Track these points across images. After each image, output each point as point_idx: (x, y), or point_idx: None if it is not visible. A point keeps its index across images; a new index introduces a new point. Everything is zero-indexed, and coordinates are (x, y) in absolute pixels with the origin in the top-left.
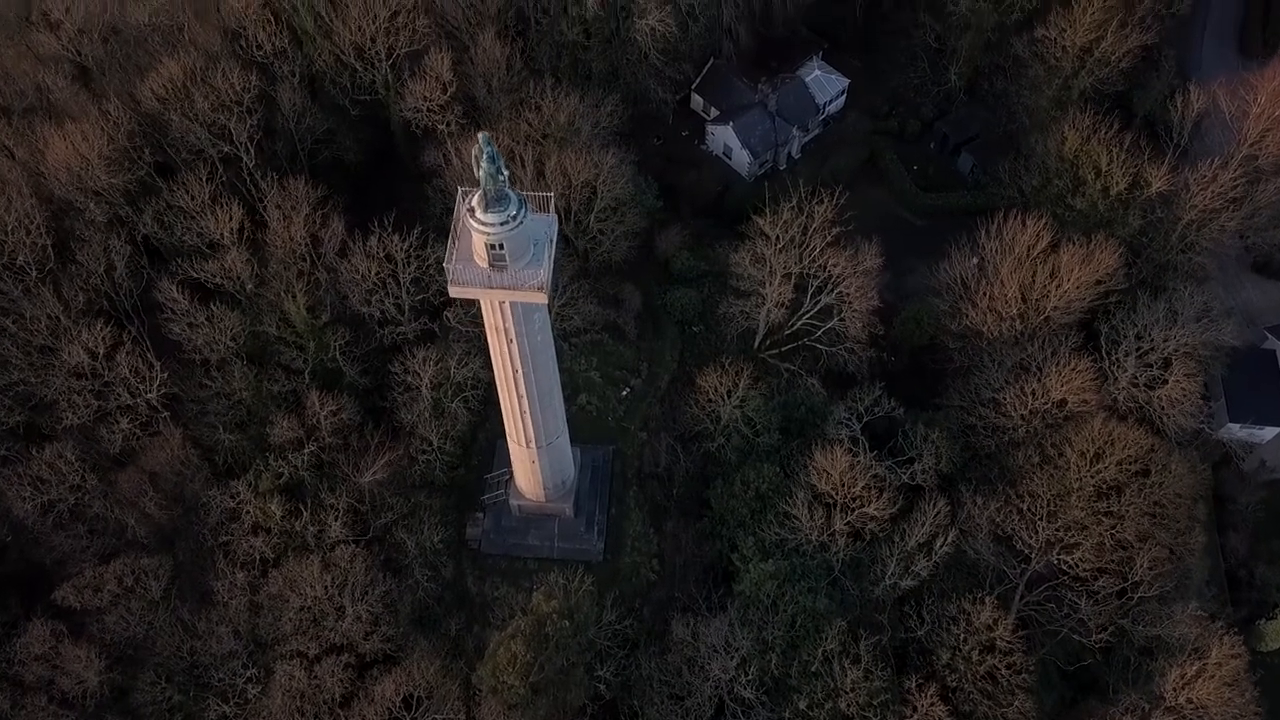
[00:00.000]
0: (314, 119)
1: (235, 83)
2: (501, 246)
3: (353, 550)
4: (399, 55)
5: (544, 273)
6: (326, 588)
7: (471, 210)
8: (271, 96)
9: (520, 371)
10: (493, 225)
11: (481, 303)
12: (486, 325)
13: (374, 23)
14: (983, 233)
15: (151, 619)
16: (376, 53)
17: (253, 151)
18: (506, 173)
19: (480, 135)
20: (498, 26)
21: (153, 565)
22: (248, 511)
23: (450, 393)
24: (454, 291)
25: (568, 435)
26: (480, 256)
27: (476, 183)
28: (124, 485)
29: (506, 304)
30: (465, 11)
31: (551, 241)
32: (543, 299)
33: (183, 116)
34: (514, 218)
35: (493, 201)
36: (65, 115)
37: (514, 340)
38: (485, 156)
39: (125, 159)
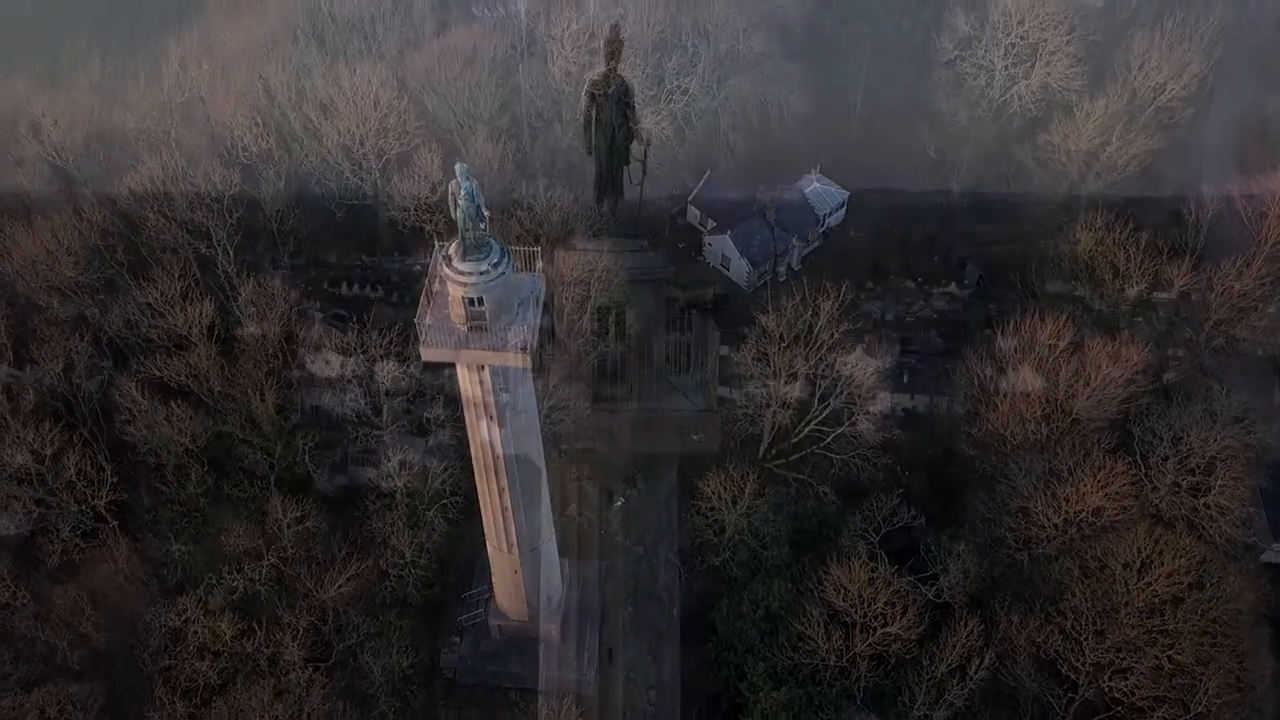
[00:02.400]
0: (297, 221)
1: (217, 181)
2: (481, 301)
3: (310, 675)
4: (389, 158)
5: (528, 332)
6: (277, 719)
7: (448, 259)
8: (254, 197)
9: (501, 456)
10: (471, 275)
11: (458, 372)
12: (464, 401)
13: (363, 125)
14: (999, 332)
15: None
16: (365, 155)
17: (231, 252)
18: (489, 214)
19: (458, 167)
20: (490, 129)
21: (81, 694)
22: (194, 631)
23: (427, 500)
24: (427, 355)
25: (555, 543)
26: (457, 315)
27: (453, 226)
28: (60, 603)
29: (486, 370)
30: (458, 115)
31: (538, 301)
32: (527, 363)
33: (159, 214)
34: (495, 266)
35: (472, 249)
36: (38, 214)
37: (494, 417)
38: (463, 193)
39: (96, 257)
